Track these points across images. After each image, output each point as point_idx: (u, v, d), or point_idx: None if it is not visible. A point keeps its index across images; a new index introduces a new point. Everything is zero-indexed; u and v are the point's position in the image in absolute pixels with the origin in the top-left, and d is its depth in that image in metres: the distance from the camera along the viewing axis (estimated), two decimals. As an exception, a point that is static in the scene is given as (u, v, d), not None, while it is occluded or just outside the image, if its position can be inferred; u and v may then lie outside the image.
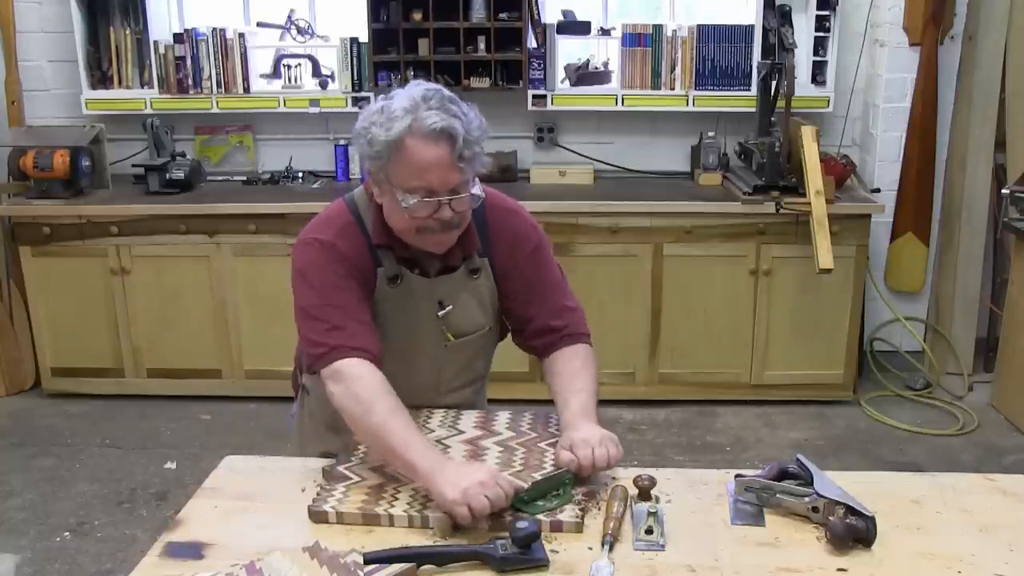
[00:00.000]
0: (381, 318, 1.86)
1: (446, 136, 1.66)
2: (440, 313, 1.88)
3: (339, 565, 1.40)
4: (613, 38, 4.29)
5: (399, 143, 1.67)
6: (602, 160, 4.46)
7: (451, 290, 1.89)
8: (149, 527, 3.16)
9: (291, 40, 4.37)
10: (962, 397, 4.16)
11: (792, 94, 3.82)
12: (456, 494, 1.50)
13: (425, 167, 1.68)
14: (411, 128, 1.66)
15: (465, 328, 1.93)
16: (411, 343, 1.91)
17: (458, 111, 1.70)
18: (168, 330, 4.10)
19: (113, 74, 4.34)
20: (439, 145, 1.67)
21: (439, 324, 1.90)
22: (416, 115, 1.67)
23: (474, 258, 1.89)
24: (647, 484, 1.62)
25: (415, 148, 1.67)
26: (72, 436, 3.90)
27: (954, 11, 4.06)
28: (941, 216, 4.28)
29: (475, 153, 1.71)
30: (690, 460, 3.66)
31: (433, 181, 1.69)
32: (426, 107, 1.67)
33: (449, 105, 1.69)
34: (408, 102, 1.68)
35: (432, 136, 1.66)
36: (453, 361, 1.96)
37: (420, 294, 1.87)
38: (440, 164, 1.68)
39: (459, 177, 1.71)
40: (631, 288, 3.99)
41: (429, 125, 1.66)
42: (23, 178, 4.09)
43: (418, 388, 1.94)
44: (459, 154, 1.68)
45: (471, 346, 1.96)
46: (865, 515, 1.51)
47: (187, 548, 1.53)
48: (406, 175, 1.70)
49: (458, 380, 2.00)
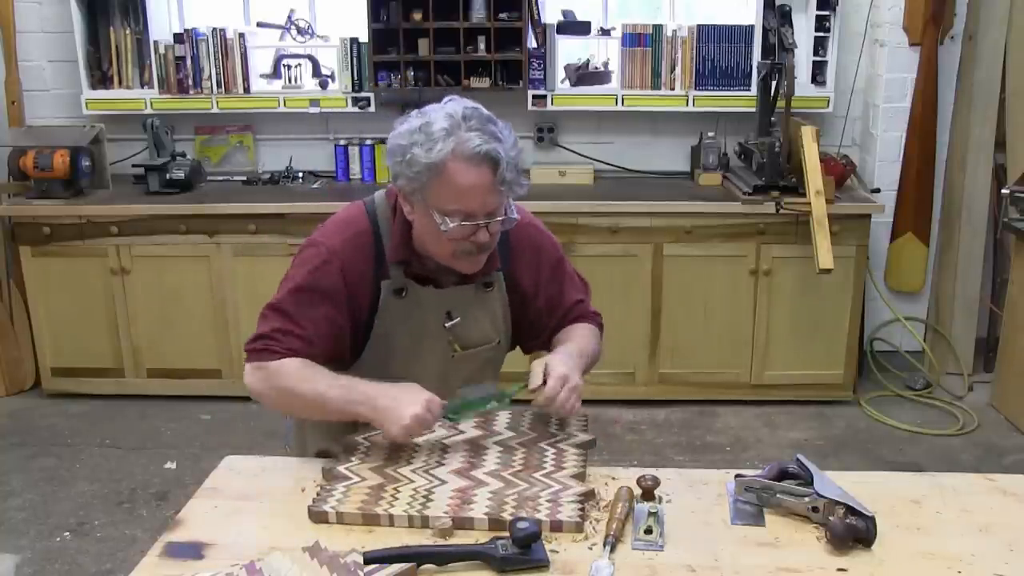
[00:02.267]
0: (386, 328, 1.86)
1: (489, 160, 1.64)
2: (448, 324, 1.88)
3: (339, 565, 1.41)
4: (613, 38, 4.29)
5: (441, 166, 1.64)
6: (602, 160, 4.46)
7: (461, 302, 1.88)
8: (149, 527, 3.16)
9: (291, 40, 4.37)
10: (962, 397, 4.16)
11: (792, 94, 3.82)
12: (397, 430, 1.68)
13: (466, 191, 1.66)
14: (454, 151, 1.63)
15: (473, 340, 1.93)
16: (417, 353, 1.90)
17: (497, 131, 1.67)
18: (168, 330, 4.10)
19: (113, 74, 4.34)
20: (481, 169, 1.64)
21: (446, 335, 1.89)
22: (458, 136, 1.64)
23: (490, 273, 1.88)
24: (651, 484, 1.61)
25: (457, 171, 1.64)
26: (72, 436, 3.90)
27: (954, 11, 4.06)
28: (941, 216, 4.28)
29: (516, 175, 1.69)
30: (690, 460, 3.66)
31: (473, 205, 1.68)
32: (467, 128, 1.64)
33: (489, 126, 1.67)
34: (448, 122, 1.65)
35: (475, 160, 1.64)
36: (460, 373, 1.95)
37: (428, 305, 1.86)
38: (482, 188, 1.66)
39: (498, 200, 1.70)
40: (631, 288, 3.99)
41: (472, 148, 1.63)
42: (23, 178, 4.09)
43: None
44: (501, 178, 1.66)
45: (478, 359, 1.96)
46: (865, 515, 1.51)
47: (187, 548, 1.53)
48: (446, 198, 1.67)
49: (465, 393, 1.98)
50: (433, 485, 1.65)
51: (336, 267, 1.79)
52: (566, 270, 2.00)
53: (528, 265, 1.93)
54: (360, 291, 1.81)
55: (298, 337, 1.78)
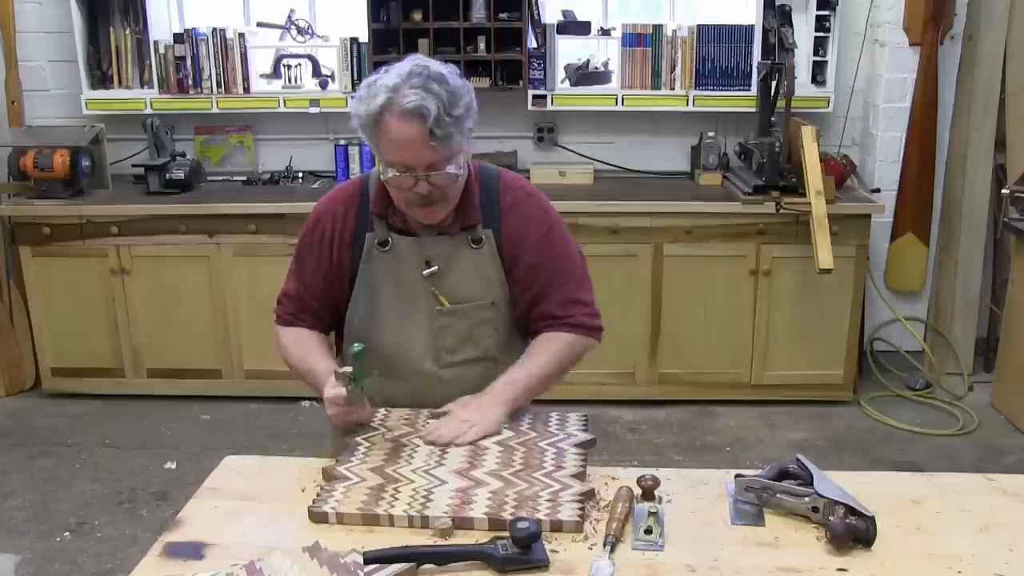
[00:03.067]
0: (374, 280, 1.94)
1: (418, 115, 1.70)
2: (425, 272, 1.92)
3: (339, 565, 1.41)
4: (613, 38, 4.29)
5: (378, 119, 1.74)
6: (602, 160, 4.46)
7: (442, 253, 1.92)
8: (149, 527, 3.16)
9: (291, 40, 4.37)
10: (962, 397, 4.16)
11: (792, 94, 3.82)
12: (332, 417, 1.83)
13: (399, 144, 1.74)
14: (388, 105, 1.72)
15: (462, 295, 1.94)
16: (405, 310, 1.95)
17: (440, 89, 1.72)
18: (168, 330, 4.10)
19: (113, 74, 4.35)
20: (412, 124, 1.71)
21: (428, 285, 1.93)
22: (396, 93, 1.71)
23: (477, 229, 1.92)
24: (651, 484, 1.61)
25: (390, 125, 1.73)
26: (72, 436, 3.90)
27: (954, 11, 4.06)
28: (941, 216, 4.28)
29: (449, 132, 1.73)
30: (690, 460, 3.66)
31: (407, 158, 1.76)
32: (408, 85, 1.71)
33: (431, 84, 1.72)
34: (393, 79, 1.73)
35: (406, 115, 1.71)
36: (451, 330, 1.96)
37: (409, 256, 1.92)
38: (412, 142, 1.73)
39: (433, 155, 1.75)
40: (631, 288, 3.99)
41: (403, 104, 1.70)
42: (23, 178, 4.09)
43: (414, 356, 1.96)
44: (431, 132, 1.71)
45: (470, 316, 1.96)
46: (865, 515, 1.51)
47: (187, 548, 1.53)
48: (385, 149, 1.78)
49: (460, 353, 1.97)
50: (433, 485, 1.65)
51: (321, 223, 1.95)
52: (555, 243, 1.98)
53: (513, 228, 1.95)
54: (344, 241, 1.93)
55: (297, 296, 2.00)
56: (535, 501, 1.60)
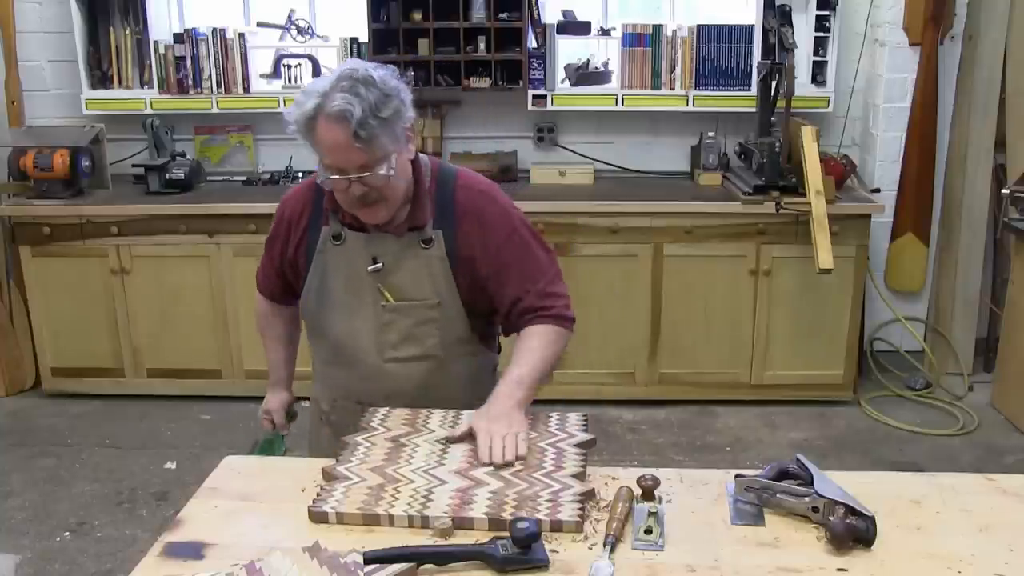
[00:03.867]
0: (326, 270, 1.98)
1: (343, 119, 1.72)
2: (370, 268, 1.94)
3: (339, 565, 1.41)
4: (613, 38, 4.29)
5: (310, 124, 1.77)
6: (602, 160, 4.46)
7: (389, 251, 1.94)
8: (149, 527, 3.16)
9: (291, 40, 4.37)
10: (962, 397, 4.16)
11: (792, 94, 3.82)
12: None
13: (328, 147, 1.78)
14: (317, 110, 1.75)
15: (406, 294, 1.96)
16: (352, 305, 1.98)
17: (367, 92, 1.74)
18: (168, 330, 4.10)
19: (113, 74, 4.35)
20: (338, 127, 1.74)
21: (374, 281, 1.95)
22: (326, 98, 1.74)
23: (425, 229, 1.93)
24: (651, 484, 1.61)
25: (320, 129, 1.76)
26: (72, 436, 3.90)
27: (954, 11, 4.07)
28: (941, 216, 4.28)
29: (374, 134, 1.75)
30: (690, 460, 3.66)
31: (337, 160, 1.79)
32: (337, 89, 1.73)
33: (359, 87, 1.74)
34: (324, 84, 1.76)
35: (331, 118, 1.74)
36: (394, 326, 1.97)
37: (358, 251, 1.95)
38: (340, 145, 1.76)
39: (362, 157, 1.77)
40: (631, 288, 3.99)
41: (330, 108, 1.73)
42: (23, 178, 4.09)
43: (361, 348, 2.00)
44: (355, 134, 1.73)
45: (414, 315, 1.97)
46: (865, 515, 1.51)
47: (187, 548, 1.53)
48: (319, 153, 1.82)
49: (403, 350, 1.99)
50: (433, 485, 1.65)
51: (282, 213, 2.05)
52: (521, 241, 1.98)
53: (470, 230, 1.95)
54: (300, 231, 2.00)
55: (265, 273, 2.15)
56: (535, 501, 1.60)
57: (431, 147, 4.42)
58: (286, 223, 2.03)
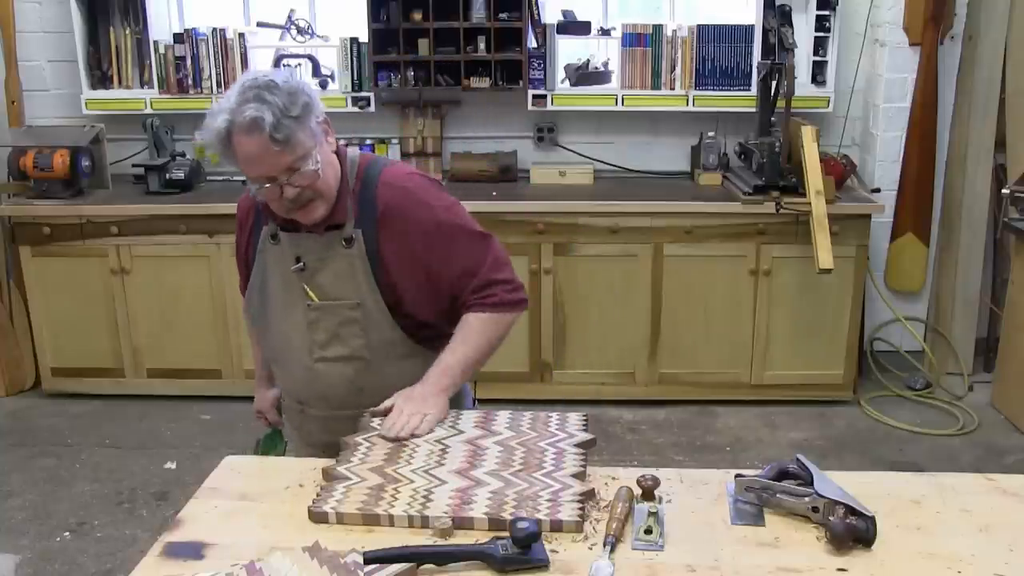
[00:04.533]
0: (265, 269, 2.00)
1: (256, 127, 1.72)
2: (292, 268, 1.95)
3: (339, 565, 1.41)
4: (613, 38, 4.29)
5: (225, 141, 1.77)
6: (602, 160, 4.46)
7: (311, 251, 1.94)
8: (149, 527, 3.16)
9: (291, 40, 4.37)
10: (962, 397, 4.16)
11: (792, 94, 3.82)
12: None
13: (250, 159, 1.77)
14: (229, 126, 1.75)
15: (329, 294, 1.95)
16: (285, 299, 1.99)
17: (272, 97, 1.73)
18: (168, 330, 4.10)
19: (113, 74, 4.35)
20: (254, 136, 1.74)
21: (300, 281, 1.96)
22: (234, 112, 1.74)
23: (345, 228, 1.92)
24: (650, 484, 1.61)
25: (238, 143, 1.76)
26: (72, 436, 3.90)
27: (954, 11, 4.06)
28: (941, 216, 4.28)
29: (290, 133, 1.74)
30: (690, 460, 3.66)
31: (263, 169, 1.78)
32: (243, 100, 1.73)
33: (264, 93, 1.73)
34: (230, 100, 1.76)
35: (246, 129, 1.73)
36: (321, 325, 1.97)
37: (288, 250, 1.96)
38: (260, 152, 1.75)
39: (287, 158, 1.77)
40: (631, 288, 3.99)
41: (242, 119, 1.73)
42: (23, 178, 4.09)
43: (294, 347, 2.00)
44: (272, 138, 1.73)
45: (337, 315, 1.96)
46: (865, 515, 1.51)
47: (187, 548, 1.53)
48: (242, 167, 1.81)
49: (330, 350, 1.97)
50: (433, 485, 1.65)
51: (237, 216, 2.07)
52: (451, 234, 1.95)
53: (393, 229, 1.92)
54: (247, 232, 2.03)
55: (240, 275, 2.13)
56: (535, 501, 1.60)
57: (431, 147, 4.42)
58: (239, 225, 2.06)
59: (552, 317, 4.01)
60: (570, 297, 4.00)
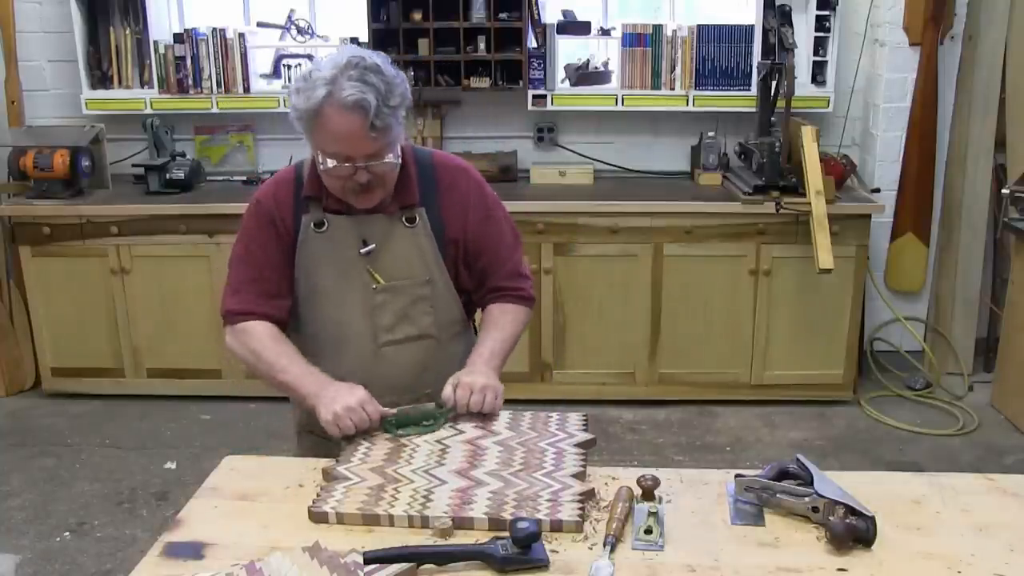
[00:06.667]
0: (311, 261, 1.95)
1: (359, 108, 1.72)
2: (362, 251, 1.93)
3: (339, 565, 1.41)
4: (613, 38, 4.29)
5: (318, 111, 1.75)
6: (602, 160, 4.46)
7: (378, 231, 1.94)
8: (149, 527, 3.16)
9: (291, 40, 4.37)
10: (962, 397, 4.16)
11: (792, 94, 3.82)
12: (328, 415, 1.79)
13: (340, 136, 1.76)
14: (328, 98, 1.73)
15: (397, 274, 1.96)
16: (341, 285, 1.96)
17: (377, 80, 1.74)
18: (168, 330, 4.10)
19: (113, 74, 4.34)
20: (353, 116, 1.73)
21: (364, 264, 1.94)
22: (335, 86, 1.72)
23: (413, 208, 1.95)
24: (650, 484, 1.62)
25: (331, 118, 1.74)
26: (72, 436, 3.90)
27: (954, 11, 4.06)
28: (941, 216, 4.28)
29: (388, 123, 1.76)
30: (690, 460, 3.66)
31: (348, 149, 1.78)
32: (345, 77, 1.72)
33: (368, 75, 1.74)
34: (330, 71, 1.74)
35: (347, 107, 1.72)
36: (388, 307, 1.97)
37: (344, 235, 1.94)
38: (353, 134, 1.75)
39: (373, 145, 1.78)
40: (631, 288, 3.99)
41: (344, 97, 1.72)
42: (23, 178, 4.09)
43: (353, 334, 1.98)
44: (371, 124, 1.74)
45: (407, 294, 1.97)
46: (865, 515, 1.51)
47: (187, 548, 1.53)
48: (324, 141, 1.79)
49: (398, 332, 1.98)
50: (433, 485, 1.65)
51: (263, 205, 1.96)
52: (496, 217, 2.04)
53: (453, 207, 1.98)
54: (284, 225, 1.95)
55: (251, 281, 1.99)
56: (535, 501, 1.60)
57: (431, 147, 4.41)
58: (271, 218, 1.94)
59: (552, 317, 4.01)
60: (570, 297, 4.00)
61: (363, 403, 1.81)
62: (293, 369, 1.89)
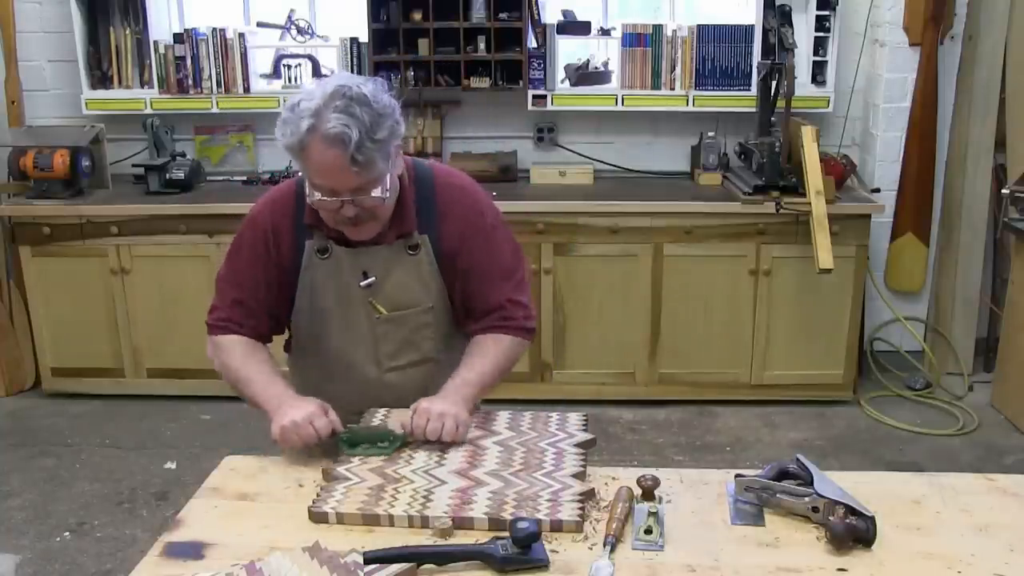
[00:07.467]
0: (315, 286, 1.93)
1: (340, 142, 1.67)
2: (362, 284, 1.91)
3: (339, 565, 1.41)
4: (613, 38, 4.29)
5: (303, 144, 1.71)
6: (602, 160, 4.46)
7: (378, 262, 1.92)
8: (149, 527, 3.16)
9: (291, 40, 4.37)
10: (962, 397, 4.16)
11: (792, 94, 3.82)
12: (276, 429, 1.79)
13: (322, 170, 1.73)
14: (312, 132, 1.69)
15: (400, 303, 1.95)
16: (345, 317, 1.95)
17: (362, 113, 1.68)
18: (168, 330, 4.10)
19: (113, 74, 4.34)
20: (334, 150, 1.68)
21: (366, 296, 1.93)
22: (318, 118, 1.68)
23: (412, 235, 1.92)
24: (650, 484, 1.62)
25: (313, 150, 1.71)
26: (72, 436, 3.90)
27: (954, 11, 4.06)
28: (941, 216, 4.28)
29: (372, 158, 1.70)
30: (690, 460, 3.66)
31: (331, 183, 1.74)
32: (330, 109, 1.68)
33: (353, 107, 1.68)
34: (316, 102, 1.69)
35: (327, 141, 1.68)
36: (390, 336, 1.97)
37: (346, 265, 1.91)
38: (335, 168, 1.71)
39: (356, 180, 1.73)
40: (631, 288, 3.99)
41: (327, 129, 1.67)
42: (23, 178, 4.09)
43: (358, 361, 1.98)
44: (352, 158, 1.68)
45: (409, 322, 1.97)
46: (865, 515, 1.51)
47: (187, 548, 1.53)
48: (310, 173, 1.76)
49: (401, 358, 1.99)
50: (433, 485, 1.65)
51: (259, 226, 1.93)
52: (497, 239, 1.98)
53: (452, 228, 1.94)
54: (283, 248, 1.92)
55: (235, 302, 1.96)
56: (535, 501, 1.60)
57: (431, 147, 4.42)
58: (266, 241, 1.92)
59: (552, 317, 4.01)
60: (570, 297, 4.00)
61: (311, 418, 1.78)
62: (257, 382, 1.92)
